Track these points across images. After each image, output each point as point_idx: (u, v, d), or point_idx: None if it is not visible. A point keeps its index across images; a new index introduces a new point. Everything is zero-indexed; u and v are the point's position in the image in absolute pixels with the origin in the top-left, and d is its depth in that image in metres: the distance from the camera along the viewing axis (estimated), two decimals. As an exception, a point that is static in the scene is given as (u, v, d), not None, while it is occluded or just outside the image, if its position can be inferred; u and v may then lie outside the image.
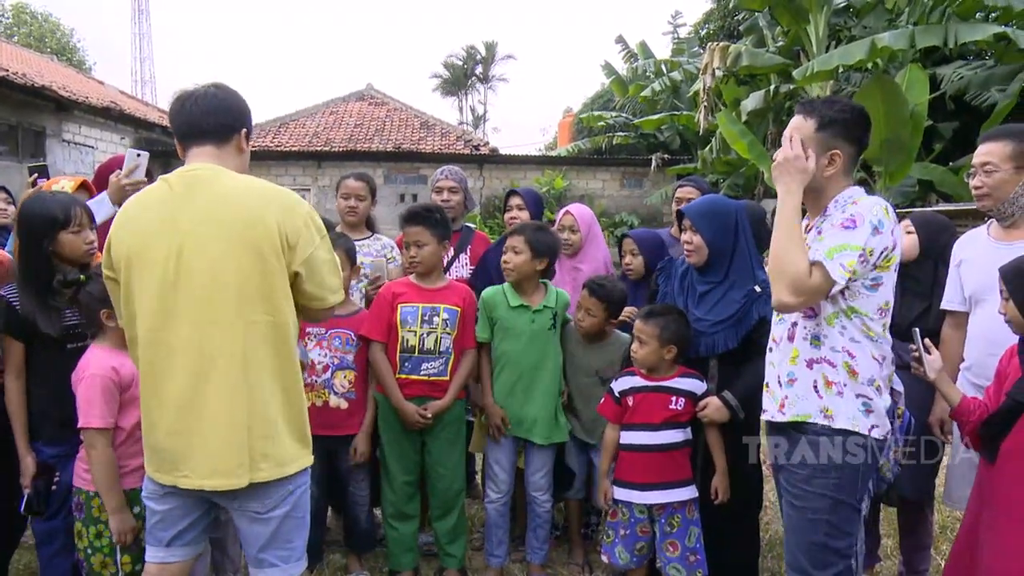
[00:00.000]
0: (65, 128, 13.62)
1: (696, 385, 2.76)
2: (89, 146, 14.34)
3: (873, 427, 2.07)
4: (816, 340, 2.08)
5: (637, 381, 2.79)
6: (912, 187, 10.40)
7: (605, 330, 3.11)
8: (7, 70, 11.63)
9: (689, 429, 2.77)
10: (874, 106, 8.59)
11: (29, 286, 2.41)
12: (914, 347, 2.33)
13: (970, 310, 2.63)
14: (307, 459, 2.02)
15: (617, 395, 2.82)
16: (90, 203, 2.98)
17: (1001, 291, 2.16)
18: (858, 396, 2.06)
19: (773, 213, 2.16)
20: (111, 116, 15.00)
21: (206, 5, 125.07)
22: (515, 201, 3.73)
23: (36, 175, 3.09)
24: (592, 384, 3.11)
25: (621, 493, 2.79)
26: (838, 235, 1.98)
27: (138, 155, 3.04)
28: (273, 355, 1.91)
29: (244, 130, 2.02)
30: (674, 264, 2.92)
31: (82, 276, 2.45)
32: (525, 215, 3.63)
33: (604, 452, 2.87)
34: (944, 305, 2.74)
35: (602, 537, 2.99)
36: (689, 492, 2.75)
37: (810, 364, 2.09)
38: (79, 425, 2.26)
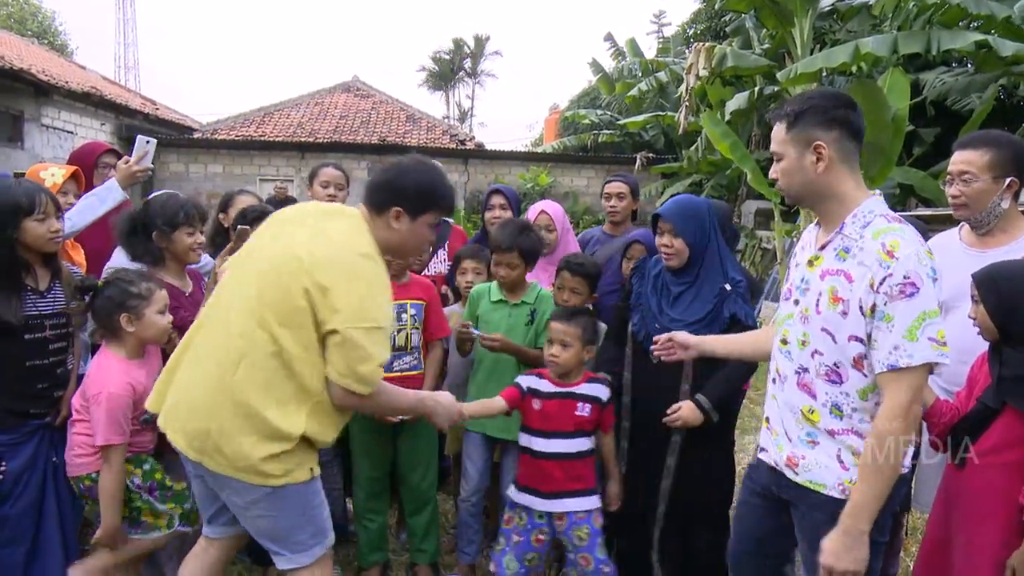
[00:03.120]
0: (44, 113, 13.39)
1: (602, 391, 2.70)
2: (69, 131, 14.11)
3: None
4: (838, 411, 1.84)
5: (546, 385, 2.71)
6: (892, 190, 10.49)
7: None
8: (-16, 52, 11.42)
9: (594, 438, 2.74)
10: (856, 110, 8.64)
11: None
12: None
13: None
14: (277, 481, 2.02)
15: (524, 389, 2.71)
16: (99, 189, 2.97)
17: (973, 296, 2.17)
18: None
19: (755, 215, 2.11)
20: (91, 101, 14.76)
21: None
22: (498, 200, 3.69)
23: None
24: None
25: (522, 497, 2.70)
26: (905, 308, 1.70)
27: (147, 142, 3.09)
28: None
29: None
30: (647, 263, 2.89)
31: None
32: (508, 215, 3.61)
33: (478, 404, 2.67)
34: None
35: (493, 544, 2.94)
36: (593, 502, 2.69)
37: (832, 434, 1.86)
38: (99, 443, 2.34)
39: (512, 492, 2.73)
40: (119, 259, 2.82)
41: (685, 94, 10.96)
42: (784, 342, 1.98)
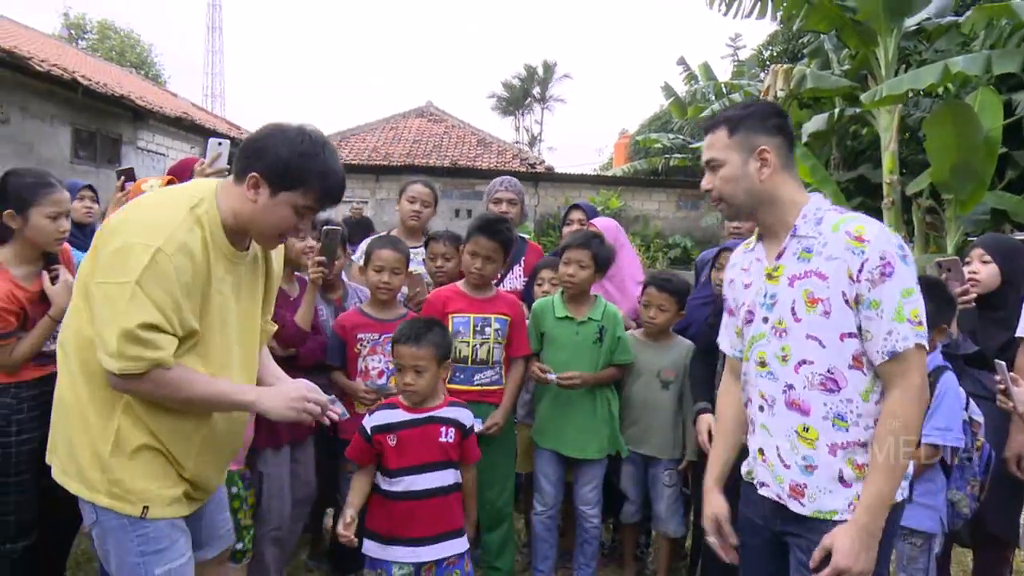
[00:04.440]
0: (140, 136, 14.20)
1: (464, 415, 2.50)
2: (161, 154, 14.91)
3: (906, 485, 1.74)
4: (842, 421, 1.69)
5: (400, 415, 2.43)
6: (984, 216, 9.99)
7: (668, 330, 3.07)
8: (90, 80, 12.21)
9: (459, 471, 2.50)
10: (945, 131, 8.32)
11: None
12: (1000, 379, 2.22)
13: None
14: (100, 499, 1.75)
15: (368, 433, 2.43)
16: None
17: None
18: None
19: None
20: (183, 126, 15.59)
21: (276, 24, 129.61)
22: (577, 215, 3.71)
23: (123, 178, 3.20)
24: (651, 387, 3.06)
25: (382, 551, 2.38)
26: (889, 290, 1.62)
27: (219, 144, 3.08)
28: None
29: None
30: None
31: None
32: None
33: (350, 500, 2.41)
34: (1021, 332, 2.59)
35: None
36: (464, 543, 2.47)
37: (833, 450, 1.70)
38: None
39: (370, 548, 2.40)
40: None
41: (762, 116, 10.74)
42: (762, 364, 1.81)
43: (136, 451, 1.74)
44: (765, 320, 1.81)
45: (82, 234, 3.27)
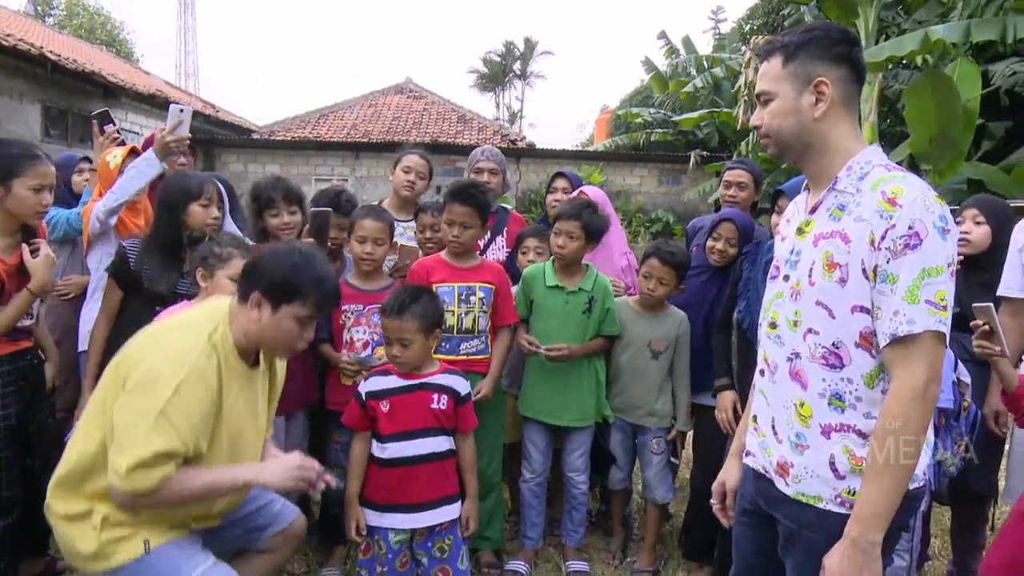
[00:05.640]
0: (112, 114, 13.92)
1: (460, 383, 2.53)
2: (135, 132, 14.61)
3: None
4: (839, 401, 1.52)
5: (393, 381, 2.47)
6: (961, 186, 10.10)
7: (663, 301, 3.07)
8: (59, 56, 11.92)
9: (453, 437, 2.53)
10: (924, 101, 8.38)
11: (152, 245, 2.67)
12: (985, 321, 2.21)
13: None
14: (110, 564, 1.87)
15: (363, 398, 2.48)
16: (137, 161, 3.04)
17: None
18: None
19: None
20: (156, 103, 15.29)
21: (250, 1, 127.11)
22: (562, 184, 3.67)
23: (100, 121, 3.18)
24: (641, 357, 3.05)
25: (379, 518, 2.42)
26: (907, 265, 1.42)
27: (181, 111, 2.98)
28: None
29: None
30: (760, 250, 2.76)
31: (208, 236, 2.63)
32: None
33: (351, 471, 2.48)
34: (1002, 291, 2.63)
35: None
36: (458, 508, 2.51)
37: (827, 432, 1.54)
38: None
39: (367, 516, 2.44)
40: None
41: (744, 88, 10.78)
42: (773, 326, 1.67)
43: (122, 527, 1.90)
44: (786, 279, 1.65)
45: (78, 202, 3.33)
